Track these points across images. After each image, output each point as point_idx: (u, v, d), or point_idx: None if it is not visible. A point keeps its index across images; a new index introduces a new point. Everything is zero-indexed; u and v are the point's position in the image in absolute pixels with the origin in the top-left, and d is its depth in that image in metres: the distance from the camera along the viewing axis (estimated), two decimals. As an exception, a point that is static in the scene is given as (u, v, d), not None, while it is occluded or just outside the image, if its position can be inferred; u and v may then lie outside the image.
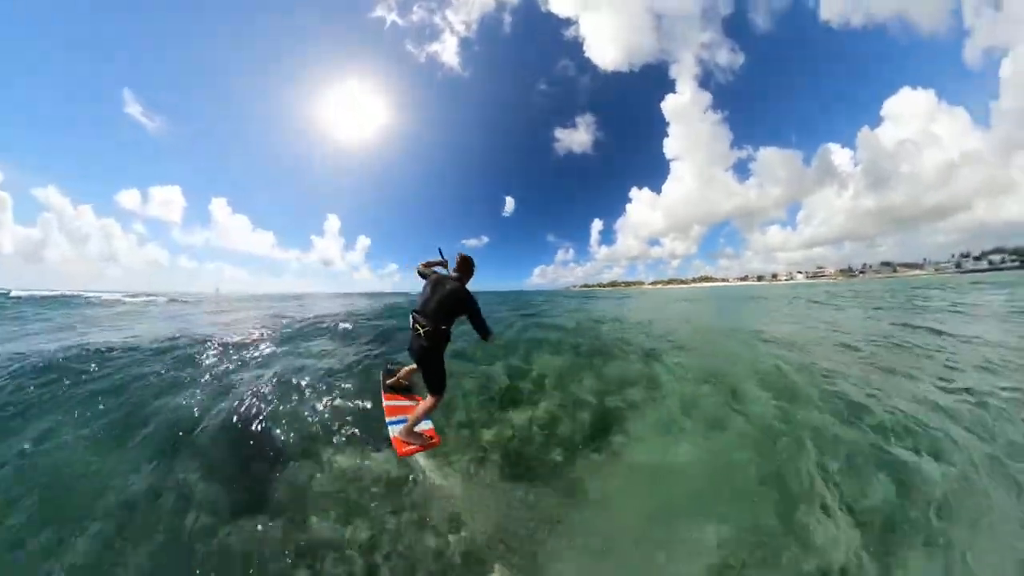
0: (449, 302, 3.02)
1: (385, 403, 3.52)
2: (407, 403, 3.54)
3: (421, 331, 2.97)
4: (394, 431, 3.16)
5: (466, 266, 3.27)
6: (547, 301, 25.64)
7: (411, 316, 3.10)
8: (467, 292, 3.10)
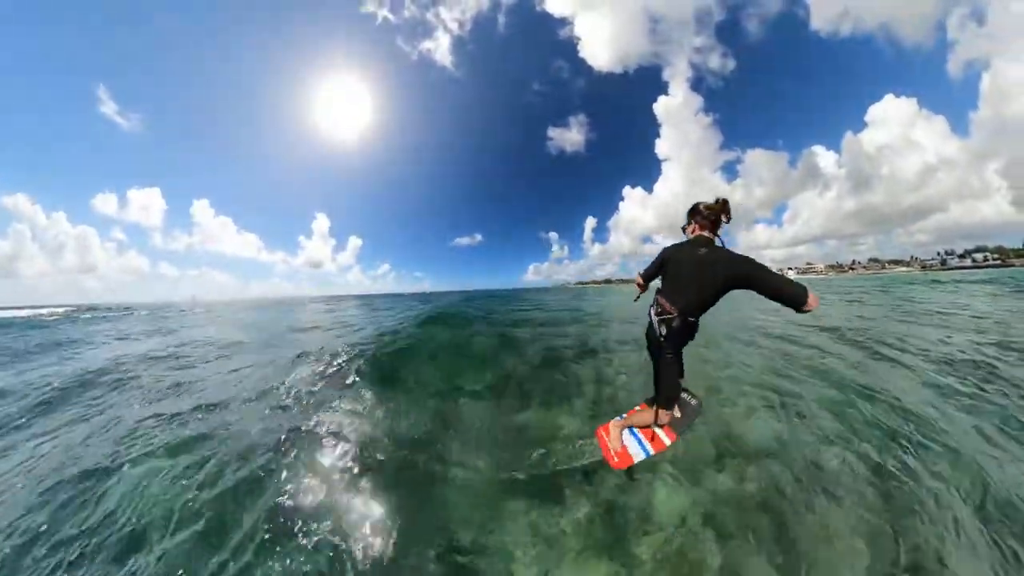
0: (709, 277, 2.06)
1: (637, 406, 3.00)
2: (639, 410, 2.86)
3: (662, 318, 2.23)
4: (614, 419, 2.85)
5: (716, 213, 2.21)
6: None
7: (655, 299, 2.36)
8: (736, 254, 2.05)
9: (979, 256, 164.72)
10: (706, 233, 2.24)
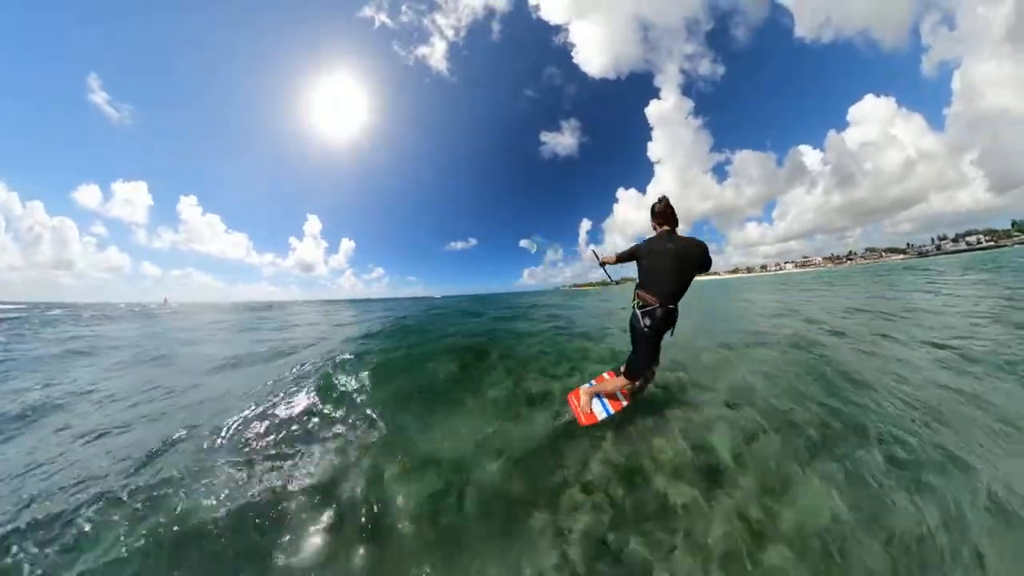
0: (685, 268, 2.38)
1: (604, 373, 3.63)
2: (608, 378, 3.41)
3: (647, 309, 2.46)
4: (583, 385, 3.27)
5: (671, 211, 2.53)
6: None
7: (636, 295, 2.58)
8: (699, 242, 2.42)
9: (972, 239, 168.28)
10: (667, 228, 2.50)
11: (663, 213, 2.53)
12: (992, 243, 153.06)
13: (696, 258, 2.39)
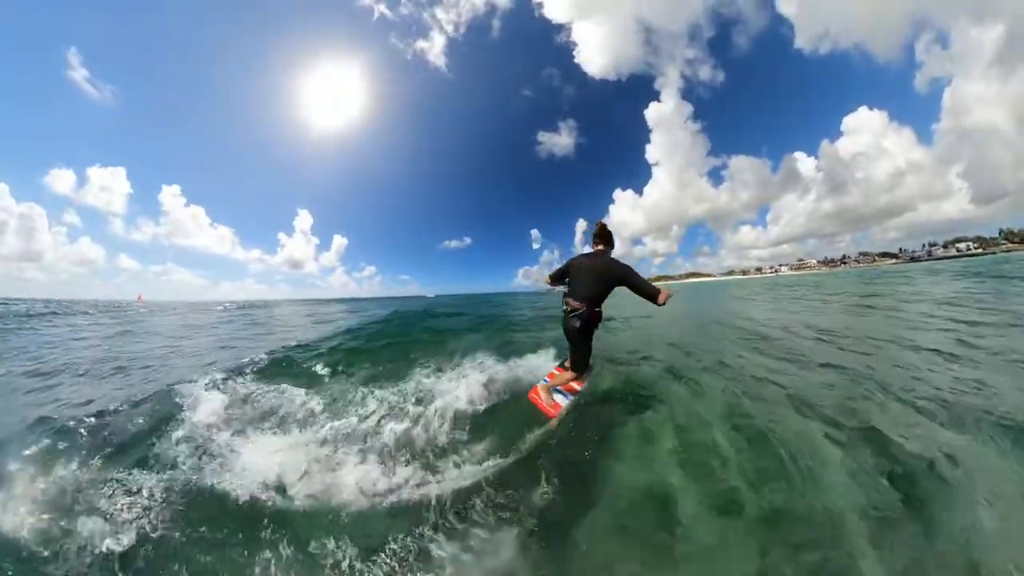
0: (599, 279, 2.97)
1: (553, 369, 4.20)
2: (559, 374, 3.91)
3: (574, 313, 3.02)
4: (539, 383, 3.68)
5: (605, 234, 3.13)
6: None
7: (563, 299, 3.19)
8: (616, 261, 3.00)
9: (962, 246, 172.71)
10: (599, 247, 3.16)
11: (598, 235, 3.18)
12: (981, 250, 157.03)
13: (616, 275, 2.94)
